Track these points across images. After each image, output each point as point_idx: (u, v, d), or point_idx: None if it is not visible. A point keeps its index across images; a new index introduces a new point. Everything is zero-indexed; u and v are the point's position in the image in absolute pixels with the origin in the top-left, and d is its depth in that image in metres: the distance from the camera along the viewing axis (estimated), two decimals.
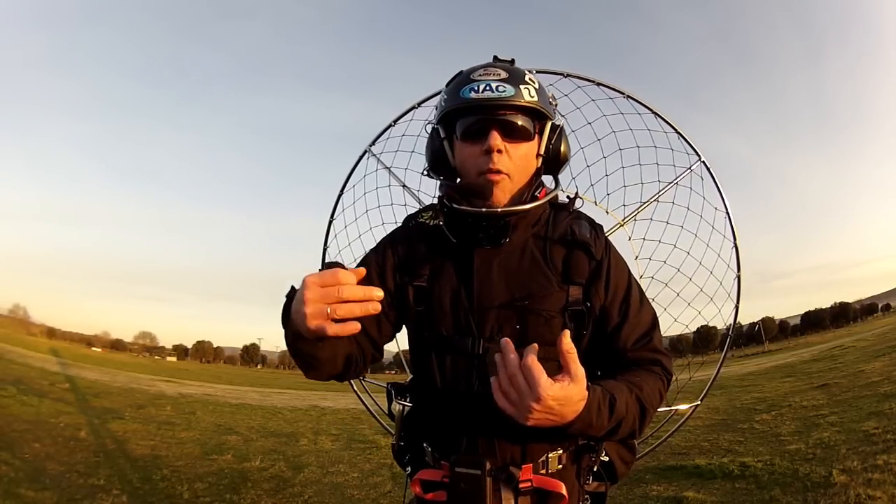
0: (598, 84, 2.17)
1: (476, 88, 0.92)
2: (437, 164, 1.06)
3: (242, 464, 5.40)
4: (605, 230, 1.05)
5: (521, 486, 0.88)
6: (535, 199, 0.96)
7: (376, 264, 1.04)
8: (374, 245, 1.10)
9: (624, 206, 2.22)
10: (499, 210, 0.93)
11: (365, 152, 2.49)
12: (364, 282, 0.94)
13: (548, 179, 1.08)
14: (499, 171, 0.93)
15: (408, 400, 1.02)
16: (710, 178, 2.19)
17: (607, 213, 2.23)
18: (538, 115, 0.97)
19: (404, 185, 2.38)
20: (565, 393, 0.73)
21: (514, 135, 0.94)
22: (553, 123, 1.01)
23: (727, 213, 2.17)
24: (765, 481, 3.86)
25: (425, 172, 1.11)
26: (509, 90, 0.91)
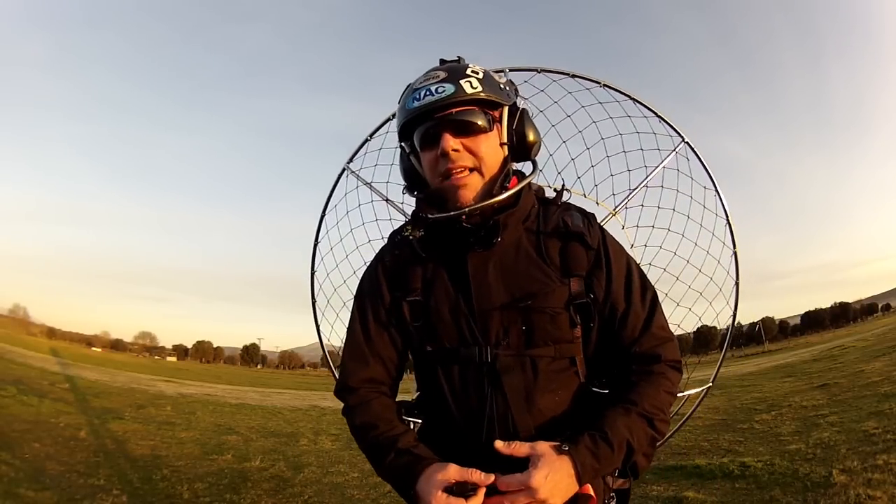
0: (573, 76, 2.13)
1: (418, 96, 0.92)
2: (411, 180, 1.06)
3: (242, 464, 5.41)
4: (598, 220, 1.04)
5: None
6: (505, 189, 0.93)
7: (373, 290, 1.03)
8: (362, 266, 1.10)
9: (613, 195, 2.18)
10: (466, 209, 0.91)
11: (343, 170, 2.40)
12: (366, 316, 1.05)
13: (532, 169, 1.05)
14: (461, 170, 0.92)
15: (418, 417, 1.02)
16: (696, 158, 2.15)
17: (598, 203, 2.19)
18: (489, 105, 0.94)
19: (387, 200, 2.31)
20: (546, 482, 0.78)
21: (468, 130, 0.92)
22: (511, 108, 0.99)
23: (716, 190, 2.14)
24: (765, 481, 3.86)
25: (404, 191, 1.10)
26: (448, 89, 0.90)
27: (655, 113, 2.14)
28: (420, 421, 1.03)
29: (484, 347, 0.91)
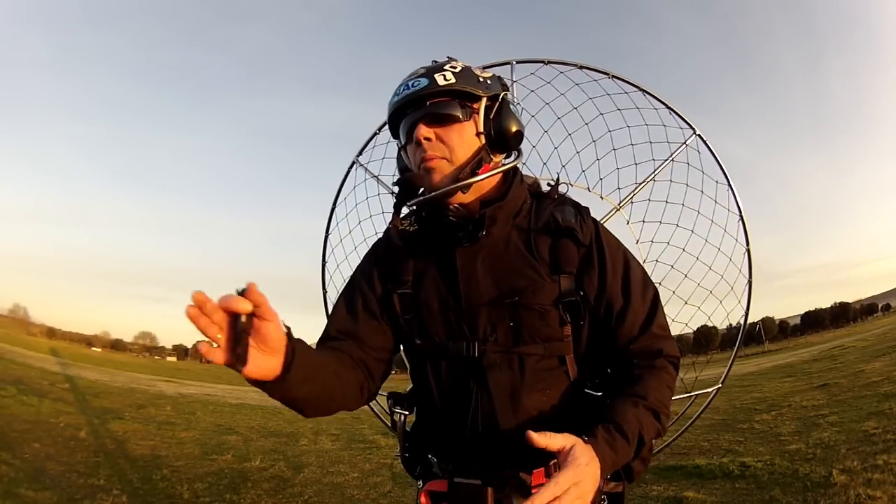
0: (581, 67, 2.06)
1: (398, 92, 0.95)
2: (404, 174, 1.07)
3: (242, 464, 5.41)
4: (602, 216, 1.03)
5: (533, 491, 0.84)
6: (475, 175, 0.93)
7: (364, 280, 1.04)
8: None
9: (619, 189, 2.11)
10: (434, 193, 0.93)
11: (353, 163, 2.44)
12: (352, 299, 1.03)
13: (514, 158, 1.04)
14: (432, 158, 0.93)
15: (407, 409, 1.01)
16: (707, 151, 2.06)
17: (602, 198, 2.11)
18: (466, 97, 0.94)
19: (393, 193, 2.35)
20: (575, 479, 0.71)
21: (441, 121, 0.93)
22: (492, 99, 0.97)
23: (729, 184, 2.03)
24: (765, 481, 3.86)
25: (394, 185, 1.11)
26: (422, 82, 0.92)
27: (665, 104, 2.06)
28: (407, 413, 1.02)
29: (471, 343, 0.91)
